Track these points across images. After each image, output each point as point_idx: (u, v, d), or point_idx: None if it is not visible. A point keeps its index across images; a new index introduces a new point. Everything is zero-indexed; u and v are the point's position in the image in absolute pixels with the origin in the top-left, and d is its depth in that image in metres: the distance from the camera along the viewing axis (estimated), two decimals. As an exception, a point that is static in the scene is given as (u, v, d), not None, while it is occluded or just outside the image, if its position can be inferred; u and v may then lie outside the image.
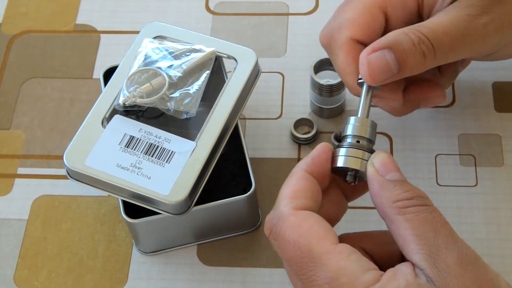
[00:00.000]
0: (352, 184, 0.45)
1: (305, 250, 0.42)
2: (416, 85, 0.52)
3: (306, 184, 0.44)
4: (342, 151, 0.45)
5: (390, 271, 0.41)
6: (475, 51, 0.49)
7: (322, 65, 0.57)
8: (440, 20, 0.48)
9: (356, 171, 0.45)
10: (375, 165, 0.43)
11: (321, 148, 0.45)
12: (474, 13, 0.48)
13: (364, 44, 0.49)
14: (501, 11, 0.48)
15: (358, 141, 0.45)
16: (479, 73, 0.61)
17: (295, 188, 0.44)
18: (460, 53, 0.48)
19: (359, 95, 0.48)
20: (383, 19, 0.51)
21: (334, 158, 0.45)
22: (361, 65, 0.47)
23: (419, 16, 0.52)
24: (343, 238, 0.43)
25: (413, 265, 0.40)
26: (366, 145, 0.45)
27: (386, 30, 0.51)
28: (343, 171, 0.45)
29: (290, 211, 0.43)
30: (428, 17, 0.50)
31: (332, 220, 0.45)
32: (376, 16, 0.50)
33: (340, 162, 0.45)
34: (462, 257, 0.40)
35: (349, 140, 0.45)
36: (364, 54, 0.47)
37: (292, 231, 0.42)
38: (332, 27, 0.51)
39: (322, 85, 0.56)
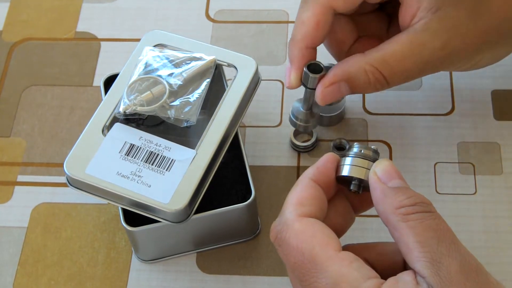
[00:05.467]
0: (357, 193, 0.45)
1: (308, 256, 0.42)
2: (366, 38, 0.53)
3: (311, 192, 0.44)
4: (347, 161, 0.45)
5: (391, 280, 0.41)
6: (434, 72, 0.51)
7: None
8: (396, 49, 0.49)
9: (361, 180, 0.45)
10: (378, 173, 0.44)
11: (327, 158, 0.46)
12: (430, 41, 0.49)
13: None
14: (457, 34, 0.49)
15: (362, 151, 0.45)
16: (478, 81, 0.61)
17: (300, 196, 0.44)
18: (417, 77, 0.51)
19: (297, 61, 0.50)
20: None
21: (339, 167, 0.46)
22: (316, 94, 0.50)
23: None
24: (345, 248, 0.44)
25: (415, 273, 0.40)
26: (372, 155, 0.45)
27: None
28: (348, 180, 0.45)
29: (295, 217, 0.43)
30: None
31: (338, 231, 0.46)
32: None
33: (344, 171, 0.45)
34: (464, 265, 0.40)
35: (354, 149, 0.46)
36: (321, 86, 0.50)
37: (296, 237, 0.43)
38: None
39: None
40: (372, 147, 0.46)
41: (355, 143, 0.46)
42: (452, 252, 0.40)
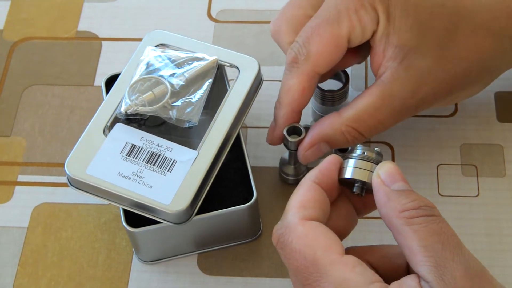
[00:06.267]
0: (360, 196, 0.45)
1: (311, 260, 0.42)
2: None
3: (314, 195, 0.44)
4: (350, 163, 0.45)
5: (395, 284, 0.40)
6: (409, 117, 0.52)
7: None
8: (368, 105, 0.50)
9: (363, 182, 0.45)
10: (381, 176, 0.43)
11: (330, 160, 0.46)
12: (399, 91, 0.49)
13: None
14: (425, 82, 0.50)
15: (365, 153, 0.45)
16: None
17: (303, 199, 0.44)
18: (392, 125, 0.52)
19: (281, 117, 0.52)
20: (345, 50, 0.51)
21: (342, 169, 0.45)
22: (298, 157, 0.52)
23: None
24: (348, 251, 0.43)
25: (419, 277, 0.40)
26: (375, 157, 0.45)
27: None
28: (351, 182, 0.45)
29: (298, 221, 0.43)
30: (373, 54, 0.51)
31: (341, 234, 0.45)
32: (342, 48, 0.50)
33: (347, 174, 0.45)
34: (469, 270, 0.39)
35: (357, 151, 0.45)
36: (302, 150, 0.51)
37: (298, 241, 0.42)
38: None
39: (324, 95, 0.56)
40: (375, 149, 0.46)
41: (358, 145, 0.46)
42: (456, 257, 0.40)
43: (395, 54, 0.49)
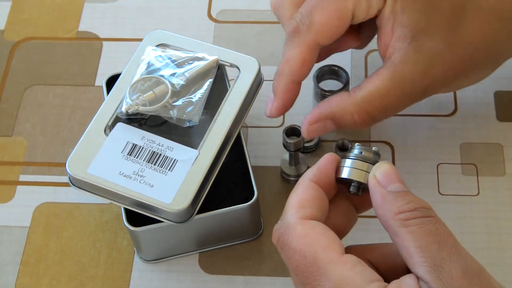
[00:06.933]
0: (356, 195, 0.45)
1: (311, 260, 0.42)
2: (369, 22, 0.52)
3: (312, 194, 0.44)
4: (347, 162, 0.45)
5: (394, 283, 0.41)
6: (412, 104, 0.51)
7: (323, 75, 0.57)
8: (379, 86, 0.49)
9: (360, 183, 0.45)
10: (377, 176, 0.43)
11: (327, 158, 0.46)
12: (409, 72, 0.49)
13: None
14: (435, 64, 0.49)
15: (363, 153, 0.45)
16: (481, 82, 0.61)
17: (301, 198, 0.44)
18: (397, 112, 0.51)
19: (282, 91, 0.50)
20: (348, 24, 0.51)
21: (339, 168, 0.45)
22: (302, 129, 0.51)
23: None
24: (348, 250, 0.43)
25: (418, 277, 0.40)
26: (372, 157, 0.45)
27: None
28: (348, 182, 0.45)
29: (297, 220, 0.43)
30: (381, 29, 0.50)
31: (341, 232, 0.45)
32: (346, 22, 0.50)
33: (344, 174, 0.45)
34: (466, 270, 0.40)
35: (355, 151, 0.45)
36: (306, 123, 0.50)
37: (298, 241, 0.42)
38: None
39: (325, 94, 0.56)
40: (373, 148, 0.46)
41: (356, 144, 0.46)
42: (453, 257, 0.40)
43: (404, 34, 0.49)
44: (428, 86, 0.50)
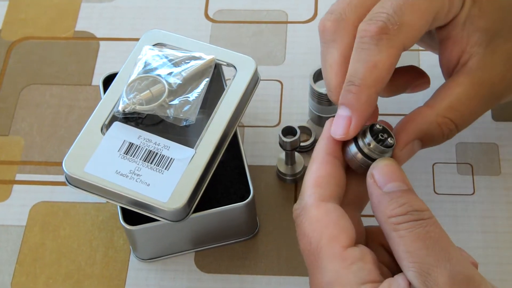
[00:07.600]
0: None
1: (314, 247, 0.42)
2: (403, 71, 0.51)
3: (327, 170, 0.44)
4: (352, 150, 0.44)
5: (386, 282, 0.41)
6: (490, 109, 0.50)
7: (321, 74, 0.57)
8: (460, 94, 0.47)
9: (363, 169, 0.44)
10: (374, 175, 0.43)
11: (330, 125, 0.45)
12: (488, 77, 0.47)
13: None
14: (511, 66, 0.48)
15: (366, 151, 0.44)
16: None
17: (318, 175, 0.43)
18: (479, 117, 0.49)
19: (336, 102, 0.46)
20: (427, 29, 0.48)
21: (346, 149, 0.45)
22: (394, 156, 0.46)
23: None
24: (366, 230, 0.43)
25: None
26: (376, 155, 0.44)
27: None
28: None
29: (314, 202, 0.43)
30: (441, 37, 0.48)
31: (362, 200, 0.45)
32: (428, 28, 0.46)
33: (350, 163, 0.45)
34: (454, 277, 0.39)
35: (366, 139, 0.44)
36: (397, 151, 0.45)
37: (309, 225, 0.42)
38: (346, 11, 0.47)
39: (321, 94, 0.56)
40: (388, 140, 0.44)
41: (368, 131, 0.44)
42: (441, 263, 0.39)
43: (480, 39, 0.47)
44: (505, 89, 0.48)
